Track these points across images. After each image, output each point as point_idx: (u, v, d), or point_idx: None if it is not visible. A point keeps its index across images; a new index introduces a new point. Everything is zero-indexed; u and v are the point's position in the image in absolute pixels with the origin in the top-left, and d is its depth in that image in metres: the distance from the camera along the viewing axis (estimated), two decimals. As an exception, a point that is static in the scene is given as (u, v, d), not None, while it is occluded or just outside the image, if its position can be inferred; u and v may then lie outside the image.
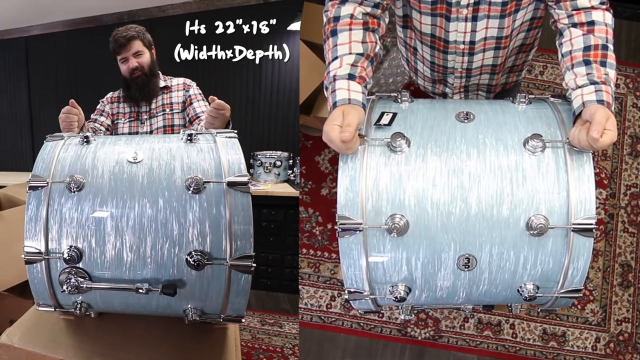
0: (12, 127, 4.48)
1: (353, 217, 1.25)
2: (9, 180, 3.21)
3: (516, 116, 1.35)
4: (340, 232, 1.25)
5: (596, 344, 2.57)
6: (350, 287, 1.31)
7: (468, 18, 1.44)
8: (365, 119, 1.33)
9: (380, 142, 1.29)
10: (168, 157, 1.35)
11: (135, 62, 2.15)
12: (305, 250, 2.59)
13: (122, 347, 1.49)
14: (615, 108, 2.51)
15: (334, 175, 2.57)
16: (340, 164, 1.27)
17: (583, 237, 1.25)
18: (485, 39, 1.51)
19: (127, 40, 2.13)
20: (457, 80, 1.68)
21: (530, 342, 2.55)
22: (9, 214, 2.38)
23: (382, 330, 2.54)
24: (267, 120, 3.86)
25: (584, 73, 1.32)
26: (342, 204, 1.25)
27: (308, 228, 2.60)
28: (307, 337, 2.54)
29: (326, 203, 2.58)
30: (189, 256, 1.27)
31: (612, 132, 1.20)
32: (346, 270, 1.29)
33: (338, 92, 1.31)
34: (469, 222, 1.24)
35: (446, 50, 1.56)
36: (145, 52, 2.18)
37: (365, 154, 1.28)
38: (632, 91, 2.74)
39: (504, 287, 1.32)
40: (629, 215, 2.65)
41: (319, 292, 2.56)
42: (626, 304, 2.60)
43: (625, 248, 2.63)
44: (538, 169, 1.26)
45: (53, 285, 1.32)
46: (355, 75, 1.33)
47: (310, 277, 2.57)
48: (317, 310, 2.55)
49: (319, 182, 2.61)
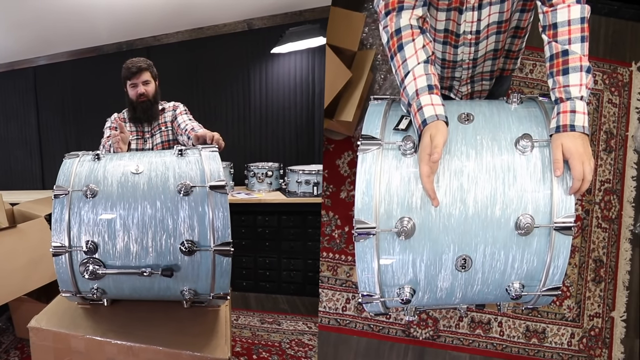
0: (22, 149, 4.59)
1: (368, 221, 1.25)
2: (21, 198, 3.34)
3: (509, 116, 1.35)
4: (357, 236, 1.25)
5: (571, 340, 2.56)
6: (363, 290, 1.32)
7: (475, 7, 1.46)
8: (382, 122, 1.34)
9: (393, 146, 1.29)
10: (163, 168, 1.62)
11: (143, 89, 2.42)
12: (325, 254, 2.57)
13: (132, 326, 1.70)
14: (593, 104, 2.57)
15: (352, 178, 2.57)
16: (358, 168, 1.27)
17: (563, 235, 1.25)
18: (488, 25, 1.52)
19: (138, 70, 2.41)
20: (465, 72, 1.68)
21: (515, 339, 2.55)
22: (25, 227, 2.62)
23: (389, 332, 2.54)
24: (259, 134, 3.96)
25: (550, 87, 1.32)
26: (359, 208, 1.25)
27: (328, 232, 2.58)
28: (325, 340, 2.53)
29: (345, 206, 2.60)
30: (182, 245, 1.53)
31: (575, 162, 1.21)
32: (361, 274, 1.29)
33: (425, 110, 1.30)
34: (466, 223, 1.24)
35: (457, 43, 1.57)
36: (152, 82, 2.46)
37: (380, 157, 1.27)
38: (608, 87, 2.71)
39: (495, 287, 1.32)
40: (602, 211, 2.64)
41: (336, 294, 2.56)
42: (598, 299, 2.59)
43: (598, 243, 2.63)
44: (527, 168, 1.25)
45: (75, 274, 1.57)
46: (433, 86, 1.34)
47: (329, 280, 2.57)
48: (334, 313, 2.55)
49: (338, 186, 2.62)
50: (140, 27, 3.88)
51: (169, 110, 2.53)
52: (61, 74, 4.36)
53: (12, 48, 4.16)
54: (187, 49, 3.98)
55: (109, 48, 4.15)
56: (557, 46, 1.31)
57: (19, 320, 2.79)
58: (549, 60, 1.33)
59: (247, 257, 3.48)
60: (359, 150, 1.29)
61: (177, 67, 3.97)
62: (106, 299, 1.71)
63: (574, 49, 1.29)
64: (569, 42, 1.29)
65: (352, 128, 2.59)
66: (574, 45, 1.29)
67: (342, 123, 2.46)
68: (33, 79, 4.46)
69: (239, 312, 3.26)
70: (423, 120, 1.29)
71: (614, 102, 2.71)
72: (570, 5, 1.31)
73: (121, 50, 4.08)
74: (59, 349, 1.67)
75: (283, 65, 3.83)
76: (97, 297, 1.64)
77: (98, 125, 2.58)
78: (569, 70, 1.28)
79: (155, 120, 2.51)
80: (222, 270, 1.58)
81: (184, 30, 3.94)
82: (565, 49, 1.29)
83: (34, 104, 4.51)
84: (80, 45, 4.18)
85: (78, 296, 1.66)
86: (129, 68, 2.43)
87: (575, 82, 1.28)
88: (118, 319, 1.74)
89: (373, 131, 1.33)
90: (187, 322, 1.76)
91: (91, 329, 1.68)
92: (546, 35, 1.34)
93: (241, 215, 3.38)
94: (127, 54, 3.91)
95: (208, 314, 1.81)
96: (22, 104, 4.56)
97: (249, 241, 3.44)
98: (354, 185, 1.44)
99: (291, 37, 3.47)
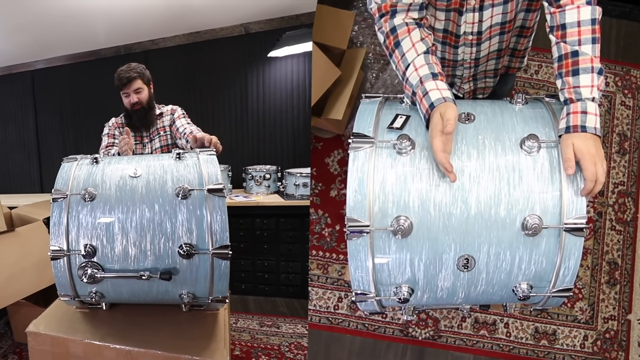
0: (20, 153, 4.57)
1: (361, 220, 1.23)
2: (19, 201, 3.30)
3: (514, 116, 1.33)
4: (349, 234, 1.23)
5: (584, 342, 2.53)
6: (357, 289, 1.30)
7: (476, 8, 1.43)
8: (374, 121, 1.32)
9: (387, 144, 1.27)
10: (161, 172, 1.62)
11: (135, 98, 2.43)
12: (314, 252, 2.55)
13: (131, 330, 1.69)
14: (604, 106, 2.57)
15: (342, 176, 2.56)
16: (349, 166, 1.25)
17: (574, 237, 1.23)
18: (491, 26, 1.49)
19: (128, 80, 2.41)
20: (467, 71, 1.66)
21: (523, 340, 2.52)
22: (23, 230, 2.60)
23: (385, 331, 2.51)
24: (256, 137, 3.96)
25: (559, 88, 1.30)
26: (351, 206, 1.24)
27: (318, 230, 2.56)
28: (315, 338, 2.51)
29: (335, 204, 2.57)
30: (180, 248, 1.52)
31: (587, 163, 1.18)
32: (354, 272, 1.27)
33: (431, 94, 1.29)
34: (468, 222, 1.22)
35: (457, 44, 1.55)
36: (144, 89, 2.46)
37: (373, 156, 1.25)
38: (620, 89, 2.69)
39: (500, 287, 1.30)
40: (617, 213, 2.62)
41: (327, 293, 2.54)
42: (613, 302, 2.57)
43: (612, 246, 2.61)
44: (533, 169, 1.24)
45: (73, 278, 1.57)
46: (437, 73, 1.32)
47: (319, 279, 2.54)
48: (325, 312, 2.52)
49: (328, 184, 2.59)
50: (138, 31, 3.88)
51: (166, 115, 2.53)
52: (59, 78, 4.35)
53: (10, 52, 4.15)
54: (185, 53, 3.98)
55: (107, 52, 4.15)
56: (566, 47, 1.28)
57: (17, 324, 2.78)
58: (557, 61, 1.30)
59: (246, 260, 3.49)
60: (350, 149, 1.27)
61: (174, 71, 3.97)
62: (105, 302, 1.71)
63: (585, 50, 1.26)
64: (579, 43, 1.26)
65: (342, 126, 2.59)
66: (584, 47, 1.26)
67: (331, 121, 2.45)
68: (31, 83, 4.45)
69: (238, 315, 3.27)
70: (430, 104, 1.28)
71: (627, 105, 2.69)
72: (579, 7, 1.28)
73: (119, 54, 4.08)
74: (57, 353, 1.67)
75: (280, 69, 3.84)
76: (95, 301, 1.64)
77: (96, 129, 2.59)
78: (579, 71, 1.25)
79: (153, 126, 2.51)
80: (220, 273, 1.58)
81: (182, 34, 3.95)
82: (575, 50, 1.26)
83: (32, 108, 4.50)
84: (78, 49, 4.17)
85: (76, 300, 1.66)
86: (120, 79, 2.43)
87: (586, 84, 1.25)
88: (116, 323, 1.74)
89: (365, 129, 1.31)
90: (185, 325, 1.76)
91: (90, 333, 1.68)
92: (554, 35, 1.32)
93: (239, 218, 3.38)
94: (125, 57, 3.91)
95: (207, 318, 1.81)
96: (20, 107, 4.55)
97: (248, 244, 3.45)
98: (344, 183, 1.46)
99: (288, 41, 3.48)
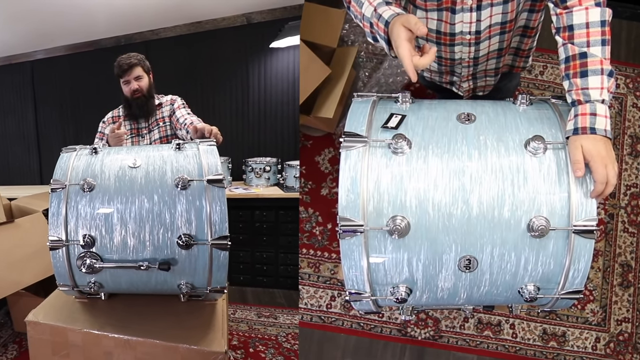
0: (20, 144, 4.56)
1: (354, 219, 1.21)
2: (19, 193, 3.32)
3: (517, 117, 1.30)
4: (341, 233, 1.22)
5: (596, 344, 2.50)
6: (351, 288, 1.28)
7: (473, 8, 1.39)
8: (367, 120, 1.30)
9: (382, 144, 1.24)
10: (161, 162, 1.62)
11: (135, 85, 2.42)
12: (305, 250, 2.54)
13: (129, 320, 1.71)
14: (615, 108, 2.55)
15: (334, 175, 2.53)
16: (341, 165, 1.23)
17: (584, 239, 1.20)
18: (490, 26, 1.45)
19: (129, 66, 2.40)
20: (465, 70, 1.63)
21: (530, 342, 2.48)
22: (22, 221, 2.61)
23: (382, 330, 2.48)
24: (257, 129, 3.95)
25: (567, 89, 1.27)
26: (344, 205, 1.21)
27: (308, 228, 2.55)
28: (307, 337, 2.48)
29: (326, 203, 2.54)
30: (179, 239, 1.53)
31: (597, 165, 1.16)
32: (347, 271, 1.26)
33: (384, 14, 1.27)
34: (470, 223, 1.20)
35: (452, 43, 1.51)
36: (144, 77, 2.45)
37: (366, 155, 1.23)
38: (632, 91, 2.66)
39: (505, 289, 1.28)
40: (629, 215, 2.59)
41: (319, 292, 2.51)
42: (626, 304, 2.54)
43: (625, 248, 2.57)
44: (539, 170, 1.21)
45: (72, 268, 1.57)
46: (391, 2, 1.32)
47: (310, 277, 2.53)
48: (317, 310, 2.50)
49: (319, 182, 2.56)
50: (139, 21, 3.86)
51: (166, 105, 2.52)
52: (59, 68, 4.33)
53: (9, 42, 4.14)
54: (186, 43, 3.96)
55: (107, 42, 4.13)
56: (573, 48, 1.25)
57: (17, 314, 2.79)
58: (564, 62, 1.27)
59: (245, 252, 3.50)
60: (342, 148, 1.25)
61: (175, 61, 3.96)
62: (103, 292, 1.72)
63: (594, 51, 1.23)
64: (588, 45, 1.23)
65: (332, 125, 2.57)
66: (593, 48, 1.23)
67: (321, 119, 2.42)
68: (30, 74, 4.44)
69: (236, 306, 3.28)
70: (385, 23, 1.27)
71: (638, 106, 2.66)
72: (588, 8, 1.24)
73: (119, 45, 4.06)
74: (56, 342, 1.68)
75: (282, 60, 3.82)
76: (94, 291, 1.64)
77: (96, 120, 2.58)
78: (587, 73, 1.23)
79: (152, 116, 2.50)
80: (219, 264, 1.58)
81: (183, 24, 3.92)
82: (584, 52, 1.23)
83: (31, 99, 4.49)
84: (78, 39, 4.15)
85: (75, 290, 1.66)
86: (120, 66, 2.42)
87: (596, 85, 1.22)
88: (115, 313, 1.75)
89: (358, 128, 1.28)
90: (184, 315, 1.77)
91: (88, 323, 1.69)
92: (560, 37, 1.28)
93: (239, 210, 3.39)
94: (125, 48, 3.87)
95: (205, 308, 1.82)
96: (19, 98, 4.53)
97: (247, 236, 3.46)
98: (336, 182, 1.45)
99: (290, 32, 3.45)
